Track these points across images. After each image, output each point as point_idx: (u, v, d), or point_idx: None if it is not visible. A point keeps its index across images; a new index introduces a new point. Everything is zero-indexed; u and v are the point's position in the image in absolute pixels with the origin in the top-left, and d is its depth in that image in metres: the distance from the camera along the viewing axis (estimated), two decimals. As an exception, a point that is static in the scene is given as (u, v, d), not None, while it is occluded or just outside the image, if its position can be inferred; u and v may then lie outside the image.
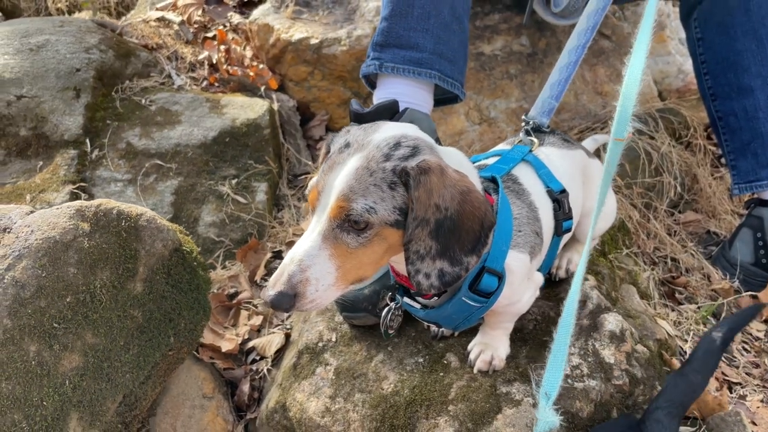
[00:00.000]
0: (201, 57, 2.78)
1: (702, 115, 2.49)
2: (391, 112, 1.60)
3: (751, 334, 1.90)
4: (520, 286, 1.23)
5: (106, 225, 1.33)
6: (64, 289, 1.25)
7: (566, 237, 1.42)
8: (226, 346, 1.79)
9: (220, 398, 1.69)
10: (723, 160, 2.46)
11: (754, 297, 1.98)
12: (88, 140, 2.31)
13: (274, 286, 0.98)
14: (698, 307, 1.93)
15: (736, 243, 2.04)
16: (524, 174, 1.33)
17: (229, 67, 2.63)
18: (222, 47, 2.67)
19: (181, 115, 2.43)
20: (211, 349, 1.78)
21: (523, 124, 1.51)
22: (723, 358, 1.81)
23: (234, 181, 2.31)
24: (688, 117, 2.38)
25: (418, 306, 1.27)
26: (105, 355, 1.29)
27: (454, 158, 1.11)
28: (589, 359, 1.42)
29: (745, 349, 1.85)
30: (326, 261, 0.99)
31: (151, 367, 1.40)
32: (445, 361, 1.48)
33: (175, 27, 2.94)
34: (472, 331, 1.50)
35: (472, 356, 1.45)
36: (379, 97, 1.74)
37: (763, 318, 1.94)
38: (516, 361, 1.46)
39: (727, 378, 1.74)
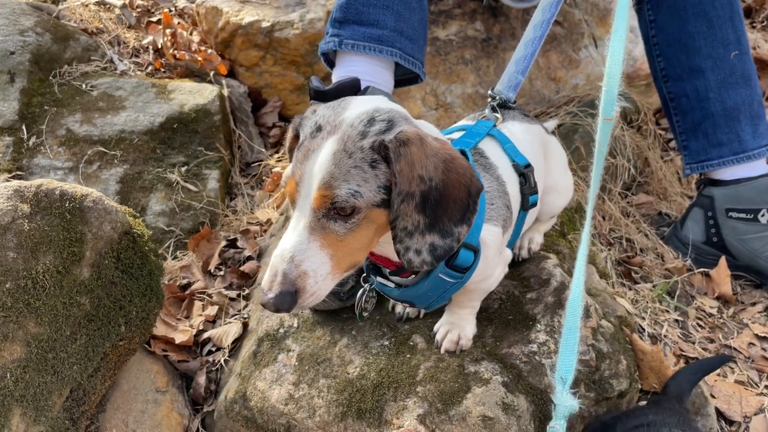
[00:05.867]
0: (145, 42, 2.67)
1: (651, 101, 2.54)
2: (352, 90, 1.55)
3: (704, 311, 1.94)
4: (493, 261, 1.21)
5: (48, 206, 1.24)
6: (2, 274, 1.15)
7: (533, 212, 1.41)
8: (179, 337, 1.70)
9: (175, 392, 1.61)
10: (672, 144, 2.52)
11: (706, 274, 2.02)
12: (24, 127, 2.18)
13: (271, 288, 0.93)
14: (653, 286, 1.96)
15: (688, 222, 2.08)
16: (490, 148, 1.31)
17: (176, 52, 2.52)
18: (168, 31, 2.56)
19: (126, 100, 2.31)
20: (164, 342, 1.69)
21: (489, 99, 1.49)
22: (679, 335, 1.84)
23: (183, 169, 2.22)
24: (638, 102, 2.43)
25: (392, 285, 1.23)
26: (50, 346, 1.20)
27: (427, 129, 1.08)
28: (556, 336, 1.41)
29: (700, 326, 1.89)
30: (318, 252, 0.95)
31: (101, 359, 1.31)
32: (412, 343, 1.44)
33: (117, 11, 2.81)
34: (438, 312, 1.47)
35: (438, 337, 1.42)
36: (338, 75, 1.69)
37: (715, 295, 1.99)
38: (482, 340, 1.44)
39: (684, 353, 1.77)
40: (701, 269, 2.03)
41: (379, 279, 1.23)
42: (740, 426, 1.56)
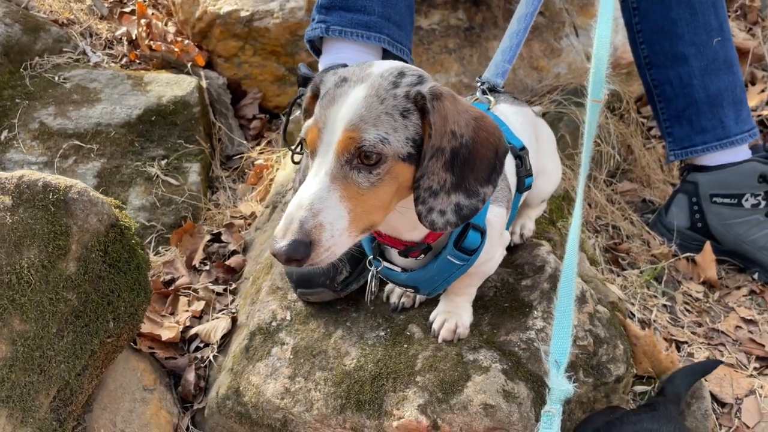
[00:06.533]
0: (118, 33, 2.59)
1: (632, 89, 2.55)
2: None
3: (691, 296, 1.96)
4: (496, 242, 1.20)
5: (31, 198, 1.18)
6: (-16, 270, 1.09)
7: (524, 196, 1.40)
8: (166, 334, 1.65)
9: (163, 390, 1.56)
10: (653, 132, 2.54)
11: (692, 260, 2.04)
12: (-6, 121, 2.10)
13: (285, 235, 0.87)
14: (641, 272, 1.97)
15: (672, 208, 2.10)
16: None
17: (152, 43, 2.45)
18: (142, 21, 2.49)
19: (101, 92, 2.24)
20: (150, 339, 1.64)
21: (478, 84, 1.47)
22: (668, 319, 1.85)
23: (163, 162, 2.16)
24: (620, 90, 2.44)
25: (398, 270, 1.20)
26: (36, 344, 1.14)
27: None
28: (553, 322, 1.40)
29: (688, 310, 1.91)
30: (337, 203, 0.90)
31: (88, 356, 1.26)
32: (408, 333, 1.42)
33: (88, 2, 2.72)
34: (433, 302, 1.46)
35: (435, 326, 1.40)
36: (325, 63, 1.66)
37: (701, 280, 2.01)
38: (479, 328, 1.43)
39: (673, 337, 1.78)
40: (687, 254, 2.04)
41: (385, 264, 1.21)
42: (732, 407, 1.57)
